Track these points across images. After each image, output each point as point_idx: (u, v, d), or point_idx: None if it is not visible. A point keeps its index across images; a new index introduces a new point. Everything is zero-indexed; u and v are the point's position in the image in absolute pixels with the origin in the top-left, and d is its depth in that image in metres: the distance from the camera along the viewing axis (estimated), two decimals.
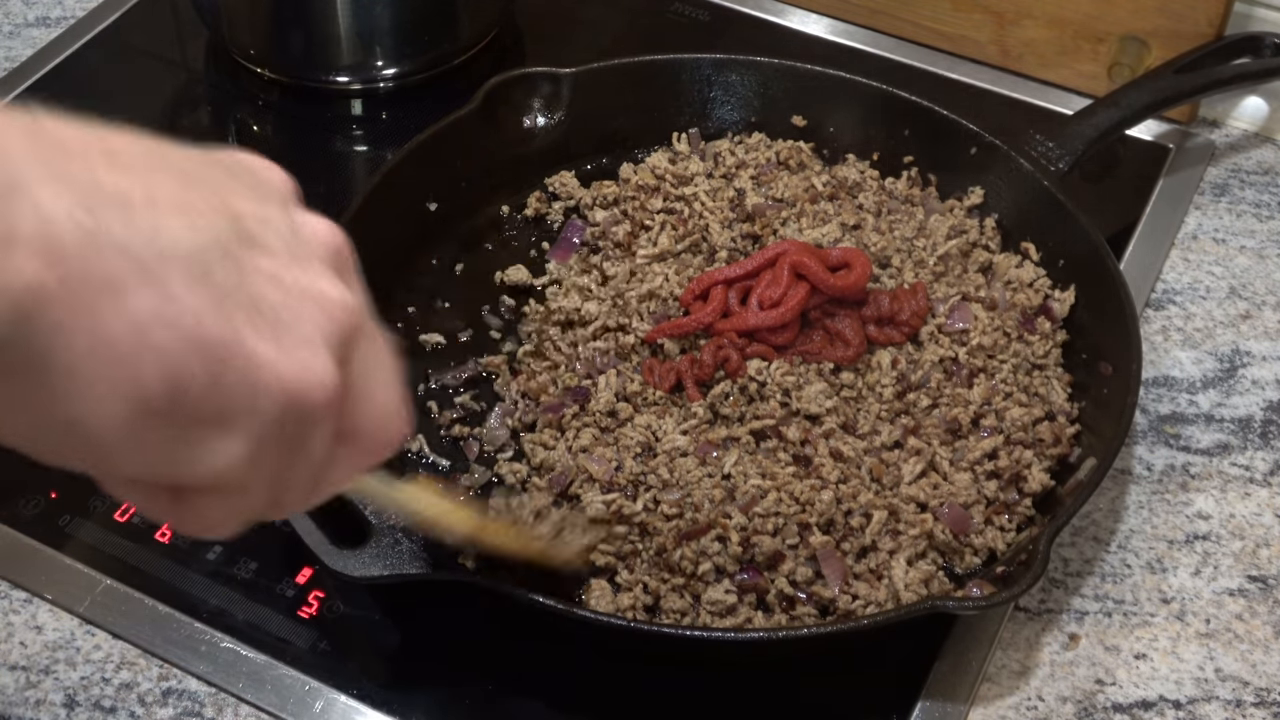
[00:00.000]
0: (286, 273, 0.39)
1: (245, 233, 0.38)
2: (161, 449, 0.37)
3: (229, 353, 0.36)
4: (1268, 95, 0.98)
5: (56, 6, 1.08)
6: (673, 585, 0.69)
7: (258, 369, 0.37)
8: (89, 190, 0.34)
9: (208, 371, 0.36)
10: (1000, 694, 0.68)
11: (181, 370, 0.36)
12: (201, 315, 0.36)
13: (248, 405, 0.37)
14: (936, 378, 0.78)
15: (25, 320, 0.33)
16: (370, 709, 0.67)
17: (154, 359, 0.35)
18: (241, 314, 0.37)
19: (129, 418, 0.36)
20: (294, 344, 0.38)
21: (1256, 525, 0.76)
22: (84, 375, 0.35)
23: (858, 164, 0.90)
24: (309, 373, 0.38)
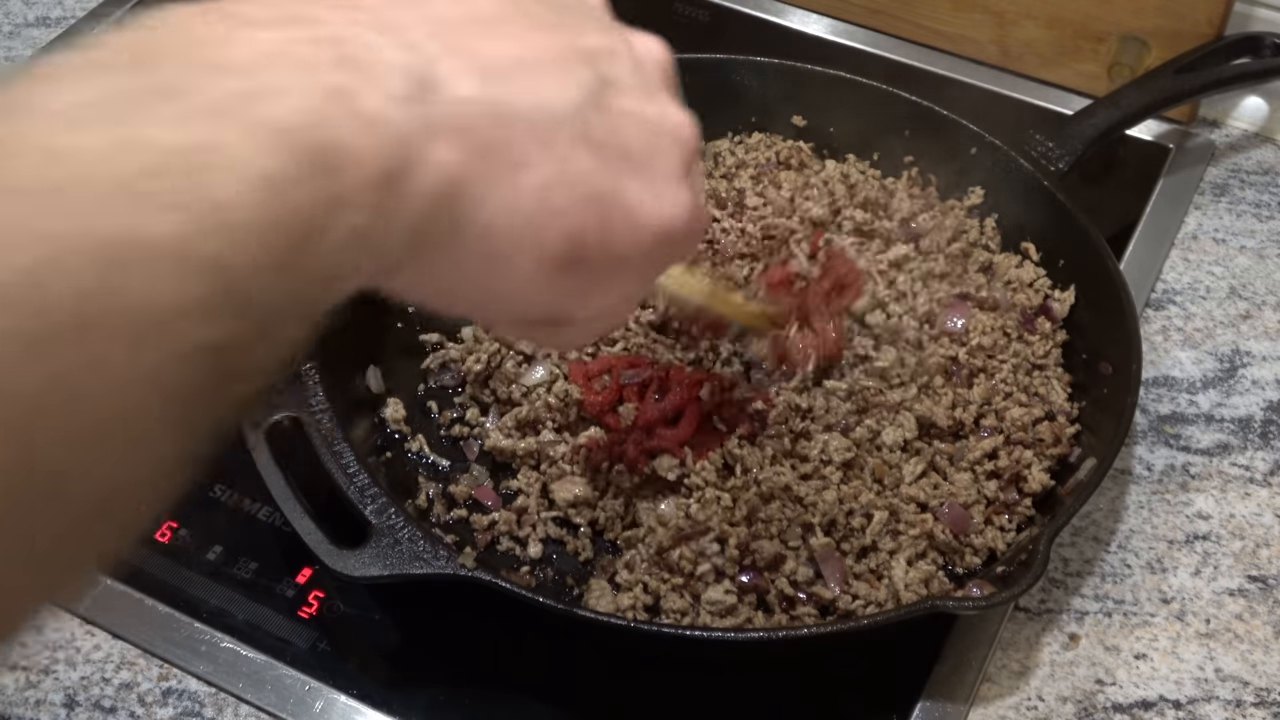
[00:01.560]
0: (643, 108, 0.42)
1: (604, 77, 0.41)
2: (559, 296, 0.41)
3: (614, 204, 0.40)
4: (1268, 95, 0.98)
5: (56, 6, 1.08)
6: (673, 585, 0.69)
7: (637, 215, 0.41)
8: (480, 65, 0.37)
9: (599, 224, 0.40)
10: (1000, 694, 0.68)
11: (579, 226, 0.39)
12: (590, 174, 0.39)
13: (630, 249, 0.41)
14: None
15: (449, 200, 0.36)
16: (370, 709, 0.67)
17: (556, 220, 0.39)
18: (618, 163, 0.40)
19: (535, 273, 0.39)
20: (661, 183, 0.42)
21: (1256, 525, 0.76)
22: (498, 240, 0.38)
23: (858, 164, 0.90)
24: (676, 209, 0.42)
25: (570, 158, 0.39)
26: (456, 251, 0.37)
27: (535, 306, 0.42)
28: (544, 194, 0.38)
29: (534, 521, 0.73)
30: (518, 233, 0.38)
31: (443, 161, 0.35)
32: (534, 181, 0.38)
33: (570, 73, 0.40)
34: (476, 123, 0.36)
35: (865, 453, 0.74)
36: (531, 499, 0.73)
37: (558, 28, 0.41)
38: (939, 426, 0.75)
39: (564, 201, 0.39)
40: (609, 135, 0.40)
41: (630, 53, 0.43)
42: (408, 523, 0.66)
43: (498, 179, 0.37)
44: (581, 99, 0.39)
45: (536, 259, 0.39)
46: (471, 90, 0.36)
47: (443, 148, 0.35)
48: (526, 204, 0.38)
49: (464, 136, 0.36)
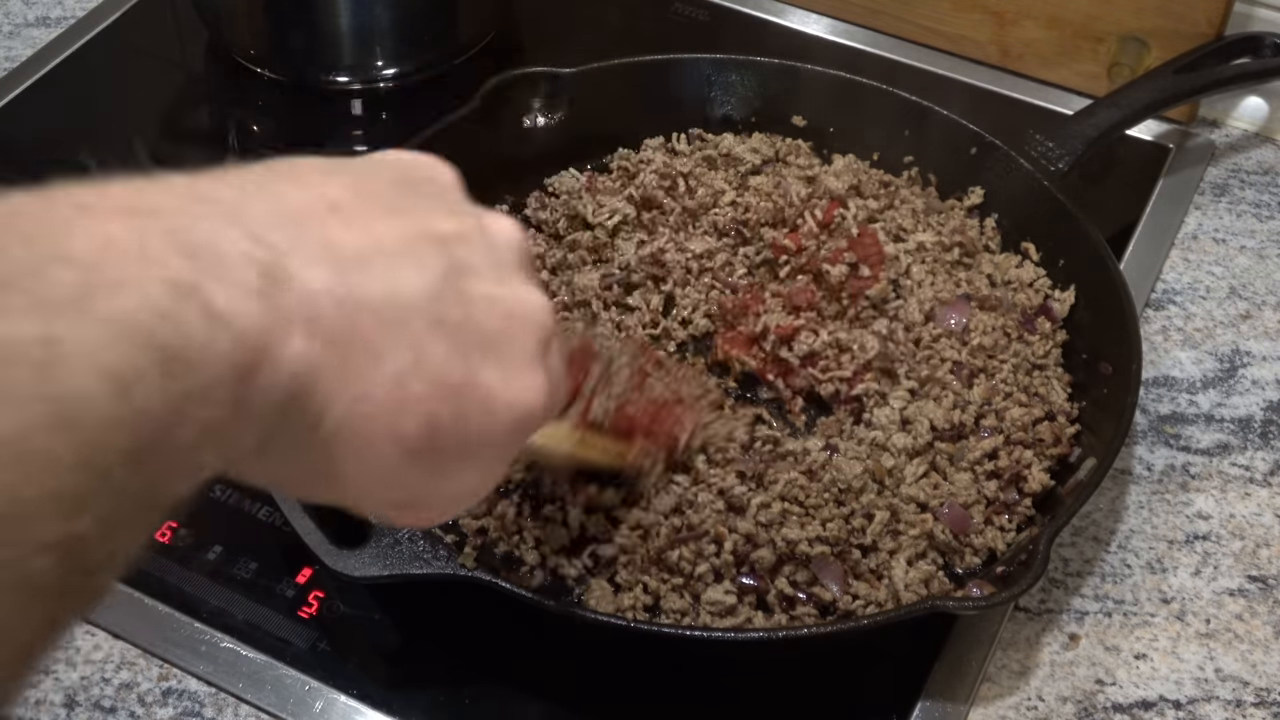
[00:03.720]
0: (496, 292, 0.42)
1: (456, 263, 0.41)
2: (416, 483, 0.41)
3: (469, 391, 0.40)
4: (1268, 95, 0.98)
5: (56, 6, 1.08)
6: (673, 585, 0.69)
7: (491, 402, 0.41)
8: (331, 256, 0.37)
9: (454, 413, 0.40)
10: (1000, 694, 0.68)
11: (434, 415, 0.40)
12: (444, 361, 0.39)
13: (484, 435, 0.42)
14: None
15: (303, 393, 0.36)
16: (370, 709, 0.67)
17: (410, 410, 0.39)
18: (472, 349, 0.41)
19: (391, 462, 0.39)
20: (515, 368, 0.42)
21: (1256, 525, 0.76)
22: (353, 431, 0.38)
23: (857, 164, 0.90)
24: (530, 393, 0.43)
25: (423, 346, 0.39)
26: (311, 443, 0.37)
27: (392, 493, 0.42)
28: (398, 384, 0.38)
29: (525, 528, 0.73)
30: (372, 423, 0.38)
31: (295, 355, 0.35)
32: (388, 371, 0.38)
33: (421, 259, 0.40)
34: (328, 314, 0.36)
35: (872, 460, 0.74)
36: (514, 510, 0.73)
37: (409, 213, 0.41)
38: (939, 427, 0.75)
39: (418, 390, 0.39)
40: (462, 321, 0.40)
41: (483, 236, 0.43)
42: None
43: (351, 370, 0.37)
44: (433, 285, 0.40)
45: (391, 448, 0.39)
46: (322, 282, 0.36)
47: (295, 341, 0.35)
48: (380, 394, 0.38)
49: (316, 328, 0.36)
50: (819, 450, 0.74)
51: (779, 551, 0.69)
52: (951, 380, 0.77)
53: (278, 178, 0.39)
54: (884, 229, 0.84)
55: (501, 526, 0.72)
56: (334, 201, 0.39)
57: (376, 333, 0.37)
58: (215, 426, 0.33)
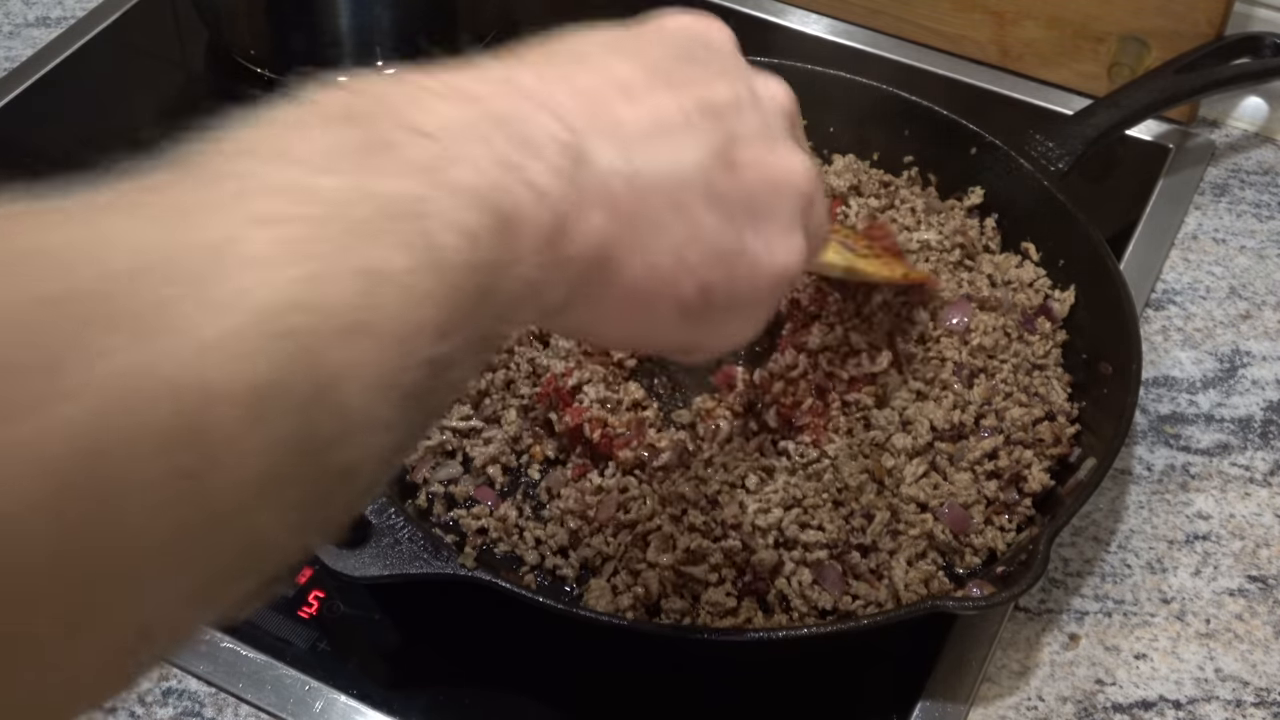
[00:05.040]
0: (765, 159, 0.46)
1: (729, 133, 0.45)
2: (691, 333, 0.47)
3: (738, 258, 0.45)
4: (1268, 95, 0.98)
5: (56, 6, 1.08)
6: (673, 585, 0.69)
7: (757, 266, 0.46)
8: (621, 135, 0.42)
9: (725, 277, 0.45)
10: (1000, 694, 0.68)
11: (708, 280, 0.45)
12: (717, 232, 0.44)
13: (751, 296, 0.47)
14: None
15: (599, 260, 0.41)
16: (370, 709, 0.67)
17: (689, 275, 0.44)
18: (741, 217, 0.45)
19: (672, 319, 0.45)
20: (778, 234, 0.47)
21: (1256, 525, 0.76)
22: (640, 293, 0.43)
23: (857, 163, 0.90)
24: (790, 256, 0.47)
25: (699, 219, 0.44)
26: (605, 301, 0.43)
27: (671, 341, 0.48)
28: (678, 254, 0.44)
29: (525, 528, 0.73)
30: (656, 286, 0.44)
31: (594, 228, 0.40)
32: (669, 243, 0.43)
33: (697, 133, 0.44)
34: (619, 193, 0.41)
35: (874, 460, 0.74)
36: (520, 516, 0.73)
37: (687, 84, 0.45)
38: (939, 427, 0.75)
39: (695, 259, 0.44)
40: (733, 192, 0.45)
41: (755, 102, 0.47)
42: (408, 523, 0.66)
43: (639, 242, 0.42)
44: (709, 159, 0.44)
45: (673, 307, 0.45)
46: (613, 163, 0.41)
47: (593, 215, 0.40)
48: (664, 262, 0.43)
49: (610, 205, 0.41)
50: (814, 449, 0.74)
51: (780, 555, 0.69)
52: (952, 380, 0.77)
53: (570, 60, 0.44)
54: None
55: (502, 526, 0.72)
56: (621, 81, 0.43)
57: (660, 209, 0.43)
58: (532, 282, 0.38)
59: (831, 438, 0.74)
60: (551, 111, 0.40)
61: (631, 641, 0.67)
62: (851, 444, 0.74)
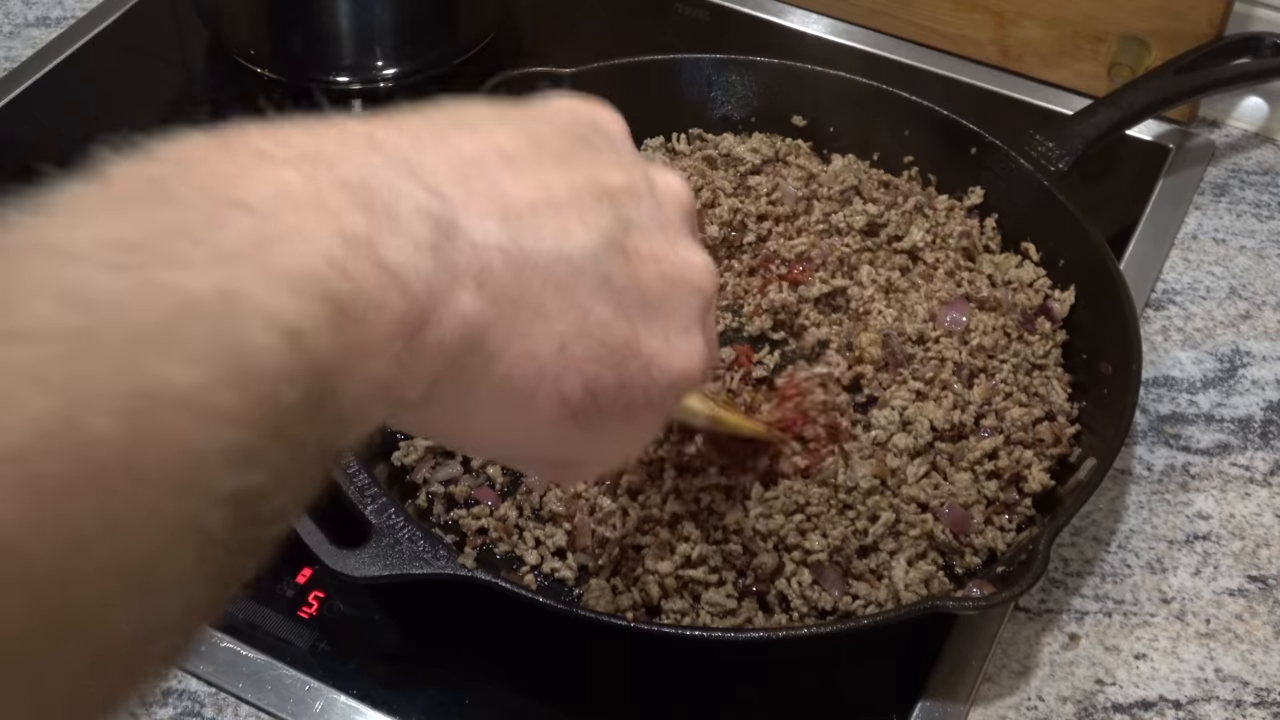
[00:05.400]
0: (662, 253, 0.42)
1: (624, 219, 0.40)
2: (572, 441, 0.41)
3: (631, 355, 0.41)
4: (1268, 95, 0.98)
5: (56, 6, 1.08)
6: (673, 586, 0.69)
7: (652, 366, 0.41)
8: (503, 210, 0.37)
9: (616, 374, 0.40)
10: (1000, 694, 0.68)
11: (596, 377, 0.40)
12: (608, 324, 0.40)
13: (644, 400, 0.42)
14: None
15: (469, 349, 0.36)
16: (370, 709, 0.67)
17: (575, 370, 0.39)
18: (636, 312, 0.41)
19: (552, 422, 0.40)
20: (676, 333, 0.42)
21: (1256, 525, 0.76)
22: (516, 388, 0.38)
23: (857, 163, 0.90)
24: (690, 358, 0.43)
25: (589, 307, 0.39)
26: (474, 398, 0.38)
27: (547, 450, 0.43)
28: (563, 345, 0.38)
29: (525, 528, 0.73)
30: (535, 382, 0.38)
31: (464, 311, 0.35)
32: (554, 331, 0.38)
33: (590, 215, 0.39)
34: (498, 271, 0.36)
35: (879, 461, 0.74)
36: (521, 516, 0.73)
37: (579, 164, 0.40)
38: (939, 427, 0.75)
39: (582, 352, 0.39)
40: (628, 282, 0.40)
41: (651, 192, 0.43)
42: (408, 523, 0.66)
43: (518, 329, 0.37)
44: (601, 244, 0.39)
45: (554, 407, 0.39)
46: (494, 238, 0.36)
47: (465, 297, 0.35)
48: (545, 354, 0.38)
49: (486, 286, 0.35)
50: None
51: (780, 558, 0.69)
52: (952, 380, 0.77)
53: (451, 125, 0.38)
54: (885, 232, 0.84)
55: (502, 526, 0.72)
56: (506, 151, 0.38)
57: (544, 292, 0.37)
58: (382, 380, 0.32)
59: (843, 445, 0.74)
60: (419, 178, 0.35)
61: (631, 641, 0.67)
62: (859, 446, 0.74)
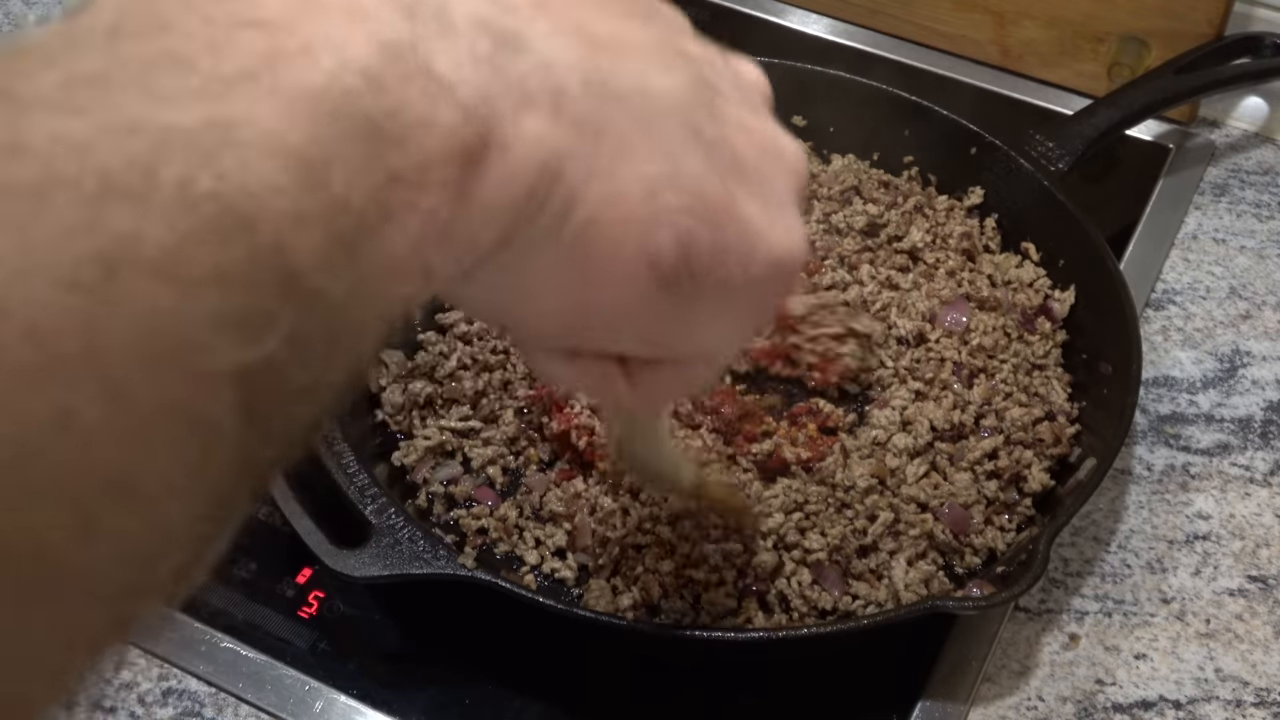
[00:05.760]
0: (751, 121, 0.37)
1: (706, 79, 0.36)
2: (654, 320, 0.36)
3: (728, 217, 0.35)
4: (1268, 95, 0.98)
5: (56, 6, 1.08)
6: (673, 586, 0.69)
7: (752, 234, 0.36)
8: (577, 29, 0.31)
9: (712, 235, 0.34)
10: (1000, 694, 0.68)
11: (690, 233, 0.34)
12: (702, 177, 0.34)
13: (741, 272, 0.36)
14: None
15: (545, 183, 0.30)
16: (370, 709, 0.67)
17: (666, 222, 0.33)
18: (731, 174, 0.35)
19: (640, 287, 0.34)
20: (776, 208, 0.37)
21: (1256, 525, 0.76)
22: (600, 236, 0.32)
23: (857, 163, 0.90)
24: (792, 240, 0.37)
25: (679, 153, 0.33)
26: (551, 248, 0.32)
27: (627, 331, 0.37)
28: (653, 189, 0.33)
29: (525, 528, 0.73)
30: (623, 229, 0.33)
31: (537, 136, 0.29)
32: (642, 172, 0.32)
33: (675, 65, 0.34)
34: (576, 95, 0.30)
35: (875, 459, 0.74)
36: (519, 515, 0.73)
37: (658, 24, 0.36)
38: (939, 427, 0.75)
39: (675, 201, 0.33)
40: (718, 139, 0.35)
41: (729, 69, 0.39)
42: (408, 523, 0.66)
43: (602, 162, 0.31)
44: (687, 92, 0.34)
45: (641, 263, 0.34)
46: (569, 57, 0.30)
47: (536, 119, 0.29)
48: (634, 196, 0.32)
49: (561, 107, 0.30)
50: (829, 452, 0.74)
51: (780, 557, 0.69)
52: (952, 380, 0.77)
53: None
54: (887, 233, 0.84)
55: (502, 526, 0.72)
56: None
57: (629, 126, 0.32)
58: (440, 219, 0.27)
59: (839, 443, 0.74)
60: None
61: (631, 641, 0.67)
62: (858, 446, 0.74)
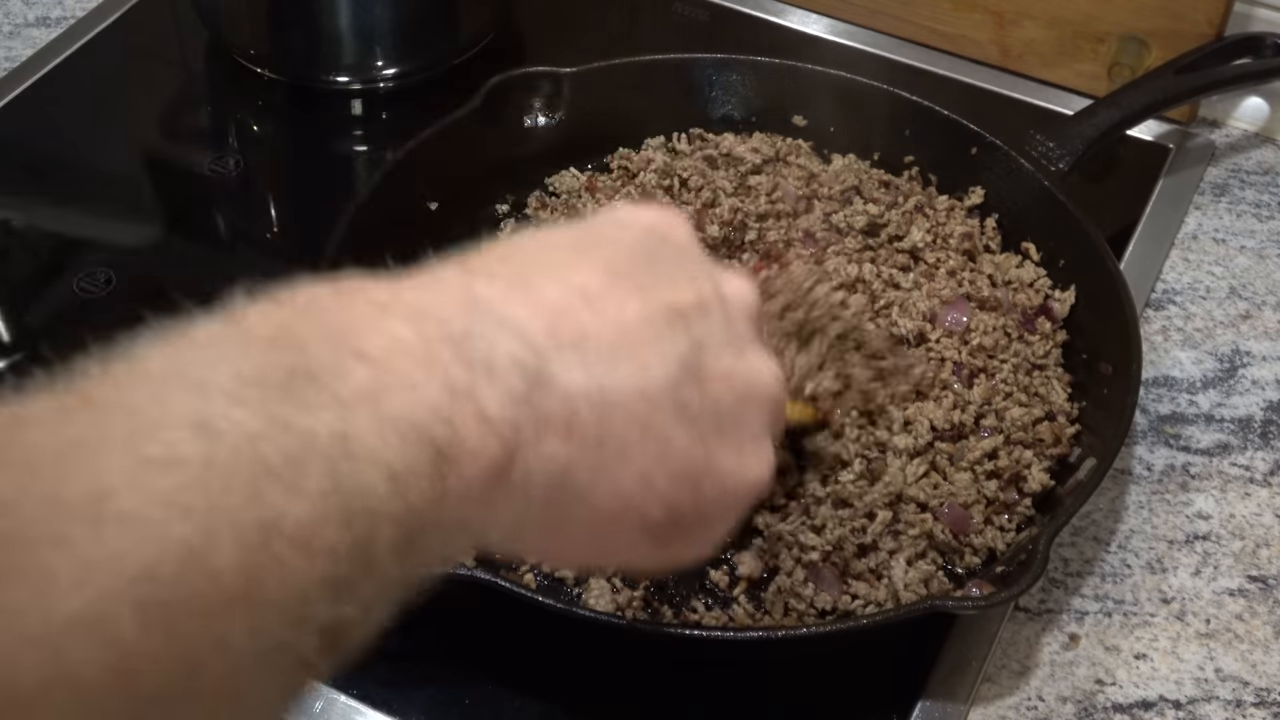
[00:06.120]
0: (733, 368, 0.44)
1: (696, 341, 0.43)
2: (652, 553, 0.45)
3: (706, 475, 0.43)
4: (1268, 95, 0.98)
5: (56, 6, 1.08)
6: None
7: (726, 481, 0.44)
8: (585, 351, 0.39)
9: (693, 495, 0.43)
10: (1000, 694, 0.68)
11: (675, 500, 0.42)
12: (686, 451, 0.42)
13: (719, 512, 0.45)
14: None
15: (557, 488, 0.38)
16: (370, 709, 0.67)
17: (655, 497, 0.42)
18: (710, 434, 0.43)
19: (634, 541, 0.43)
20: (748, 447, 0.45)
21: (1256, 525, 0.76)
22: (600, 519, 0.41)
23: (857, 163, 0.90)
24: (760, 468, 0.46)
25: (669, 437, 0.41)
26: (563, 530, 0.41)
27: (631, 561, 0.47)
28: (644, 476, 0.41)
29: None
30: (619, 513, 0.41)
31: (551, 455, 0.37)
32: (636, 468, 0.41)
33: (667, 345, 0.42)
34: (583, 416, 0.38)
35: (875, 460, 0.74)
36: None
37: (652, 287, 0.43)
38: (939, 427, 0.75)
39: (662, 481, 0.42)
40: (702, 406, 0.43)
41: (721, 304, 0.45)
42: None
43: (603, 468, 0.39)
44: (677, 373, 0.42)
45: (636, 530, 0.42)
46: (579, 384, 0.38)
47: (553, 441, 0.37)
48: (628, 488, 0.41)
49: (571, 430, 0.38)
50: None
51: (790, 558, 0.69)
52: (952, 380, 0.77)
53: (535, 269, 0.40)
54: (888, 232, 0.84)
55: None
56: (586, 291, 0.41)
57: (627, 430, 0.40)
58: (469, 519, 0.35)
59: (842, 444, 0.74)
60: (513, 329, 0.37)
61: (631, 641, 0.67)
62: (859, 446, 0.74)
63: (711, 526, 0.46)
